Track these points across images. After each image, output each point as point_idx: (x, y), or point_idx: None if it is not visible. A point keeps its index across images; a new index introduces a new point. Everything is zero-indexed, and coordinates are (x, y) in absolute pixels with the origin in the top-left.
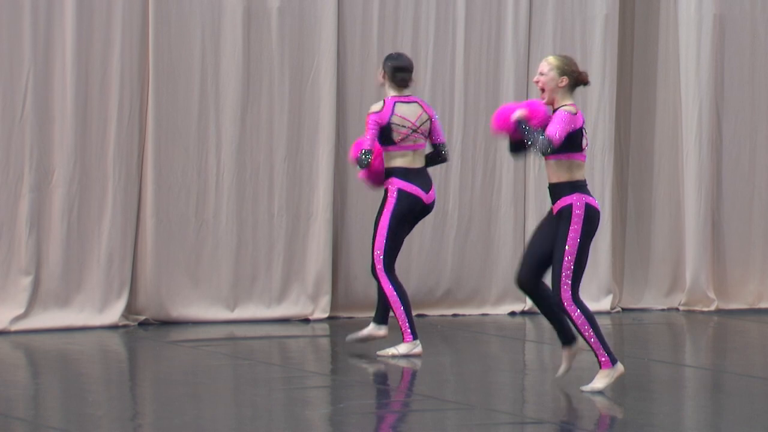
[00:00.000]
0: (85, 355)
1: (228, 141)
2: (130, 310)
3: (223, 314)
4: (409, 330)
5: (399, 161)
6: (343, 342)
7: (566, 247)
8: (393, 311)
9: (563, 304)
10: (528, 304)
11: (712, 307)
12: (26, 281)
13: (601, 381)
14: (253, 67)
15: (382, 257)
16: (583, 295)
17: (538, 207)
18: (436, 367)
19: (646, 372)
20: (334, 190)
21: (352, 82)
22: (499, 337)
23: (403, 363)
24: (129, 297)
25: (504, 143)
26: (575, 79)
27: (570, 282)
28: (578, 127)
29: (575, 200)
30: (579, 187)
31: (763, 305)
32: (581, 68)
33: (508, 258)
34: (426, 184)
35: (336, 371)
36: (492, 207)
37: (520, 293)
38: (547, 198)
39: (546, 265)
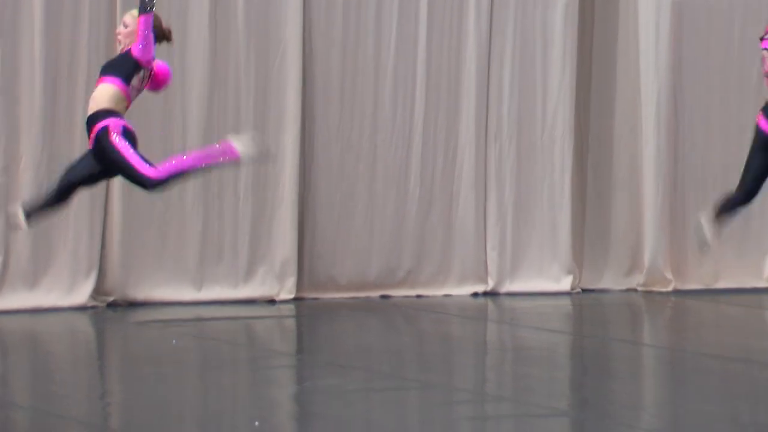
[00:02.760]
0: (54, 335)
1: (194, 123)
2: (98, 291)
3: (190, 295)
4: None
5: None
6: (308, 322)
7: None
8: None
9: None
10: (490, 285)
11: (670, 288)
12: None
13: None
14: (220, 50)
15: None
16: (544, 276)
17: (498, 189)
18: (399, 347)
19: (606, 351)
20: (300, 173)
21: (319, 66)
22: (461, 317)
23: (366, 343)
24: (97, 278)
25: (465, 129)
26: (158, 34)
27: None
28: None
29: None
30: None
31: (719, 286)
32: (166, 25)
33: (470, 240)
34: None
35: (301, 351)
36: (453, 190)
37: (482, 274)
38: (509, 181)
39: None
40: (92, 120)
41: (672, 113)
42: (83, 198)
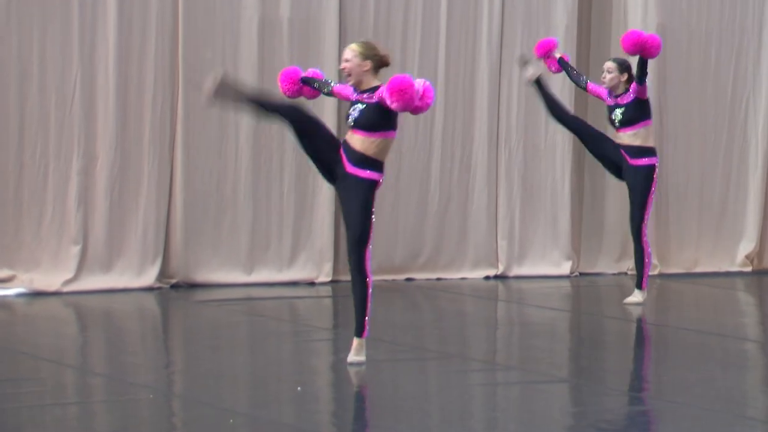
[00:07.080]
0: (125, 313)
1: (245, 130)
2: (163, 274)
3: (241, 278)
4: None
5: None
6: (343, 302)
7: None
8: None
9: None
10: (500, 269)
11: (656, 272)
12: (75, 249)
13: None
14: (267, 69)
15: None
16: (546, 262)
17: (507, 187)
18: (420, 323)
19: (600, 326)
20: None
21: None
22: (474, 297)
23: (393, 320)
24: (162, 263)
25: (478, 135)
26: (378, 61)
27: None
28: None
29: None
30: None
31: (698, 270)
32: (383, 51)
33: (482, 230)
34: None
35: (337, 326)
36: (468, 187)
37: (493, 260)
38: (516, 180)
39: None
40: (363, 160)
41: (658, 123)
42: (150, 193)
